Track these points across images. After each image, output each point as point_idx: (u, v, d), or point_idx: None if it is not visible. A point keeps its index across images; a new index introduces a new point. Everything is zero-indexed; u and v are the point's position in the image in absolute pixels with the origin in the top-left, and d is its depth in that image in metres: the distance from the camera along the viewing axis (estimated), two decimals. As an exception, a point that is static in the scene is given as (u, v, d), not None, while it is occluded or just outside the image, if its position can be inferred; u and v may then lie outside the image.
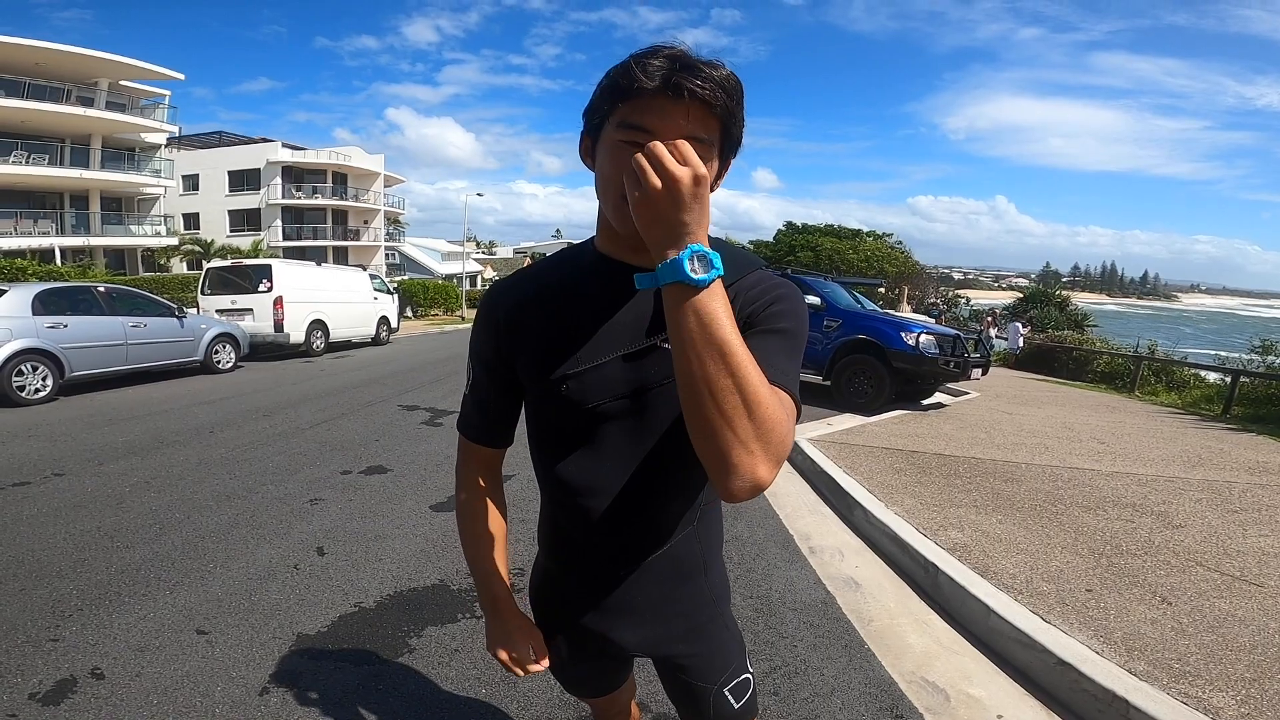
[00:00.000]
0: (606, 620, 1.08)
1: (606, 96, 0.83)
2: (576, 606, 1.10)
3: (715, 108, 0.80)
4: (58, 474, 4.59)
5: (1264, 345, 11.84)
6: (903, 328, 8.08)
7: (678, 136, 0.78)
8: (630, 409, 0.96)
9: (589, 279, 0.97)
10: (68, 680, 2.22)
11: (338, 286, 13.97)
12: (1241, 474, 5.47)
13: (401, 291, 21.91)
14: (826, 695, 2.29)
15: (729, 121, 0.83)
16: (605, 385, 0.95)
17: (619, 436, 0.98)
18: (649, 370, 0.94)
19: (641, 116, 0.80)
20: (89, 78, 25.03)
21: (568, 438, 1.01)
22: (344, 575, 3.12)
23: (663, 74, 0.78)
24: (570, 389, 0.95)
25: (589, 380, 0.95)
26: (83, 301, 8.24)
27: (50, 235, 23.77)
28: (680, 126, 0.79)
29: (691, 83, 0.77)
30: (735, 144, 0.87)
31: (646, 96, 0.79)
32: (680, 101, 0.78)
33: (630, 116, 0.81)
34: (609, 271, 0.96)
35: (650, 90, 0.78)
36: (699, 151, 0.79)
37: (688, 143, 0.73)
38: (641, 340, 0.94)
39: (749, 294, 0.93)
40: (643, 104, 0.80)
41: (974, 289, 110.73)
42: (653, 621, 1.08)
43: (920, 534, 3.53)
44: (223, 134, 40.31)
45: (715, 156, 0.84)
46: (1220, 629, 2.60)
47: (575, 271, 1.00)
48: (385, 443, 5.79)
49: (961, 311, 28.94)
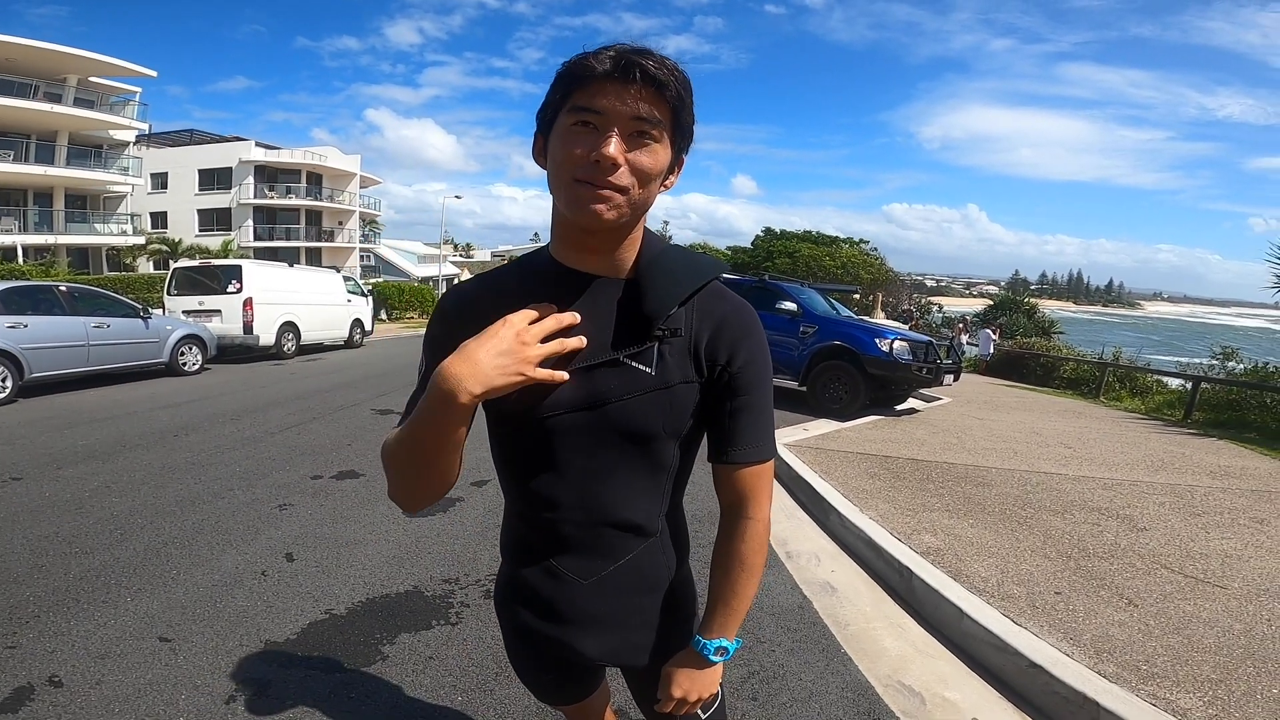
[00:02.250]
0: (569, 630, 1.06)
1: (559, 86, 0.84)
2: (539, 615, 1.07)
3: (667, 89, 0.80)
4: (15, 478, 4.44)
5: (1225, 352, 12.16)
6: (877, 334, 8.17)
7: (629, 118, 0.80)
8: (588, 422, 0.93)
9: (544, 286, 0.94)
10: (25, 688, 2.15)
11: (310, 288, 13.74)
12: (1204, 478, 5.62)
13: (376, 294, 21.65)
14: (805, 700, 2.29)
15: (679, 107, 0.83)
16: (561, 398, 0.91)
17: (575, 450, 0.95)
18: (609, 383, 0.92)
19: (593, 100, 0.80)
20: (58, 74, 24.44)
21: (526, 449, 0.98)
22: (314, 581, 3.05)
23: (613, 59, 0.79)
24: (524, 399, 0.91)
25: (544, 391, 0.91)
26: (44, 301, 8.02)
27: (13, 233, 23.13)
28: (631, 108, 0.80)
29: (643, 63, 0.79)
30: (687, 133, 0.88)
31: (598, 80, 0.80)
32: (631, 83, 0.79)
33: (580, 100, 0.81)
34: (565, 280, 0.94)
35: (601, 74, 0.79)
36: (651, 136, 0.82)
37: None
38: (602, 353, 0.92)
39: (714, 333, 0.95)
40: (594, 88, 0.80)
41: (946, 296, 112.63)
42: (615, 631, 1.06)
43: (894, 538, 3.57)
44: (194, 132, 39.54)
45: (667, 144, 0.85)
46: (1186, 630, 2.66)
47: (532, 279, 0.97)
48: (357, 447, 5.70)
49: (934, 318, 29.35)
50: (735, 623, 1.03)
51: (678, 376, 0.93)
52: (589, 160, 0.81)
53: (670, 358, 0.93)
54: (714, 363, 0.94)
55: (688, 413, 0.96)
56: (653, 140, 0.83)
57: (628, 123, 0.81)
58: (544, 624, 1.07)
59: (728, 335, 0.94)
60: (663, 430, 0.95)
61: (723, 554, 1.03)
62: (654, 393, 0.92)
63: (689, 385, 0.94)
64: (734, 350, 0.94)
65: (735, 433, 0.96)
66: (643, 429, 0.94)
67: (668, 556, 1.08)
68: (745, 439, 0.96)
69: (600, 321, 0.93)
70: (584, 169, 0.81)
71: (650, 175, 0.84)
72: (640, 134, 0.82)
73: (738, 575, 1.01)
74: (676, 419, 0.95)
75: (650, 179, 0.85)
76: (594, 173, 0.81)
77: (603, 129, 0.81)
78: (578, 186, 0.82)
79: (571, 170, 0.82)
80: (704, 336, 0.94)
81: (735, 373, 0.95)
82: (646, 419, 0.93)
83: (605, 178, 0.81)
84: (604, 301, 0.93)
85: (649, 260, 0.95)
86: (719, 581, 1.03)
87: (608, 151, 0.79)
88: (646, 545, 1.04)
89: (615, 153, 0.80)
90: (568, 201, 0.85)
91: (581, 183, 0.82)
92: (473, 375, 0.80)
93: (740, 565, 1.01)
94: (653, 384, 0.92)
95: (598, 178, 0.81)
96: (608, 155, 0.79)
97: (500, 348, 0.82)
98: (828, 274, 31.08)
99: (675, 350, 0.93)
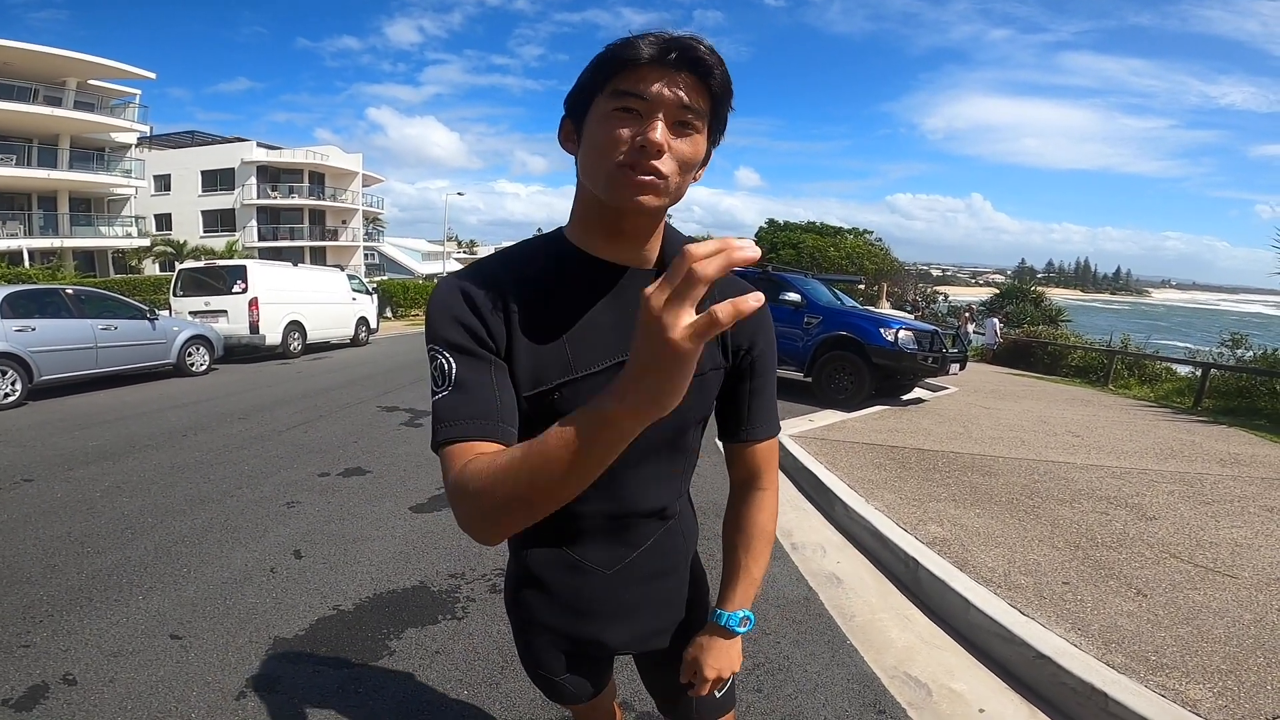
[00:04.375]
0: (593, 623, 1.05)
1: (600, 70, 0.81)
2: (560, 610, 1.06)
3: (713, 79, 0.79)
4: (27, 480, 4.48)
5: (1234, 338, 12.05)
6: (882, 324, 8.13)
7: (675, 105, 0.78)
8: None
9: (570, 275, 0.92)
10: (39, 686, 2.18)
11: (315, 287, 13.77)
12: (1213, 466, 5.58)
13: (381, 292, 21.68)
14: (810, 691, 2.30)
15: (722, 98, 0.81)
16: (598, 390, 0.89)
17: None
18: None
19: (636, 84, 0.78)
20: (57, 77, 24.45)
21: None
22: (322, 578, 3.07)
23: (662, 44, 0.77)
24: (563, 397, 0.89)
25: (583, 389, 0.89)
26: (51, 304, 8.06)
27: (18, 237, 23.20)
28: (678, 95, 0.78)
29: (693, 50, 0.77)
30: (723, 126, 0.86)
31: (643, 66, 0.77)
32: (680, 70, 0.77)
33: (624, 84, 0.79)
34: (590, 267, 0.92)
35: (647, 59, 0.77)
36: (693, 125, 0.81)
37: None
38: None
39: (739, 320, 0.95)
40: (638, 73, 0.78)
41: (952, 285, 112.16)
42: (638, 618, 1.07)
43: (900, 529, 3.56)
44: (195, 133, 39.57)
45: (705, 135, 0.84)
46: (1195, 620, 2.64)
47: (555, 267, 0.93)
48: (364, 444, 5.72)
49: (939, 308, 29.19)
50: (754, 592, 1.08)
51: (708, 364, 0.95)
52: (635, 145, 0.78)
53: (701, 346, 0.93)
54: (739, 348, 0.98)
55: (713, 398, 0.99)
56: (695, 130, 0.81)
57: (673, 109, 0.78)
58: (565, 619, 1.06)
59: (750, 322, 0.97)
60: (692, 418, 0.98)
61: (743, 525, 1.07)
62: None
63: (717, 372, 0.97)
64: (755, 336, 0.98)
65: (753, 413, 1.02)
66: (676, 418, 0.90)
67: (684, 538, 1.11)
68: (760, 418, 1.02)
69: (630, 310, 0.89)
70: (629, 153, 0.79)
71: (690, 164, 0.83)
72: (684, 123, 0.80)
73: (758, 544, 1.06)
74: (705, 405, 0.98)
75: (690, 168, 0.83)
76: (639, 157, 0.79)
77: (647, 115, 0.78)
78: (621, 171, 0.80)
79: (614, 155, 0.80)
80: (729, 337, 0.97)
81: (756, 357, 0.99)
82: (681, 408, 0.92)
83: (650, 163, 0.79)
84: (634, 293, 0.91)
85: (676, 250, 0.94)
86: (739, 553, 1.07)
87: (654, 137, 0.77)
88: (667, 528, 1.06)
89: (662, 138, 0.78)
90: (609, 186, 0.82)
91: (625, 167, 0.80)
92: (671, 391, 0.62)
93: (761, 534, 1.06)
94: None
95: (643, 163, 0.79)
96: (655, 140, 0.77)
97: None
98: (832, 265, 30.92)
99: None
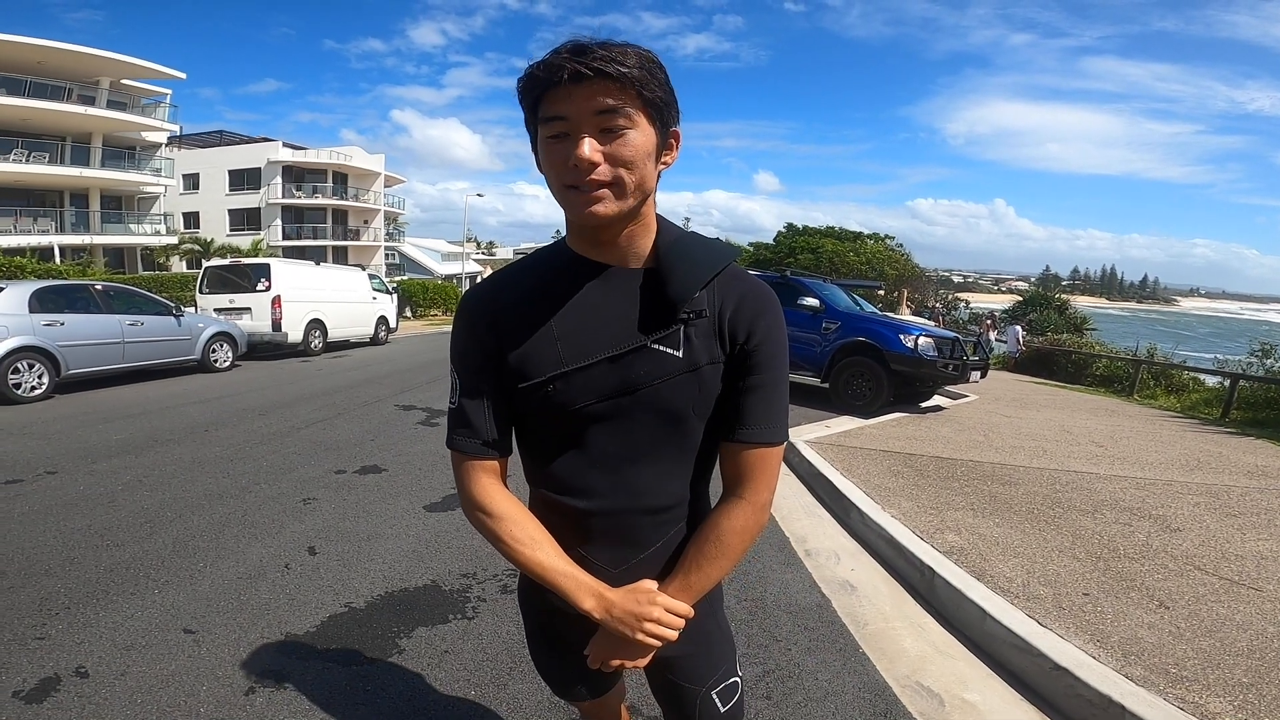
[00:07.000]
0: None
1: (524, 104, 0.89)
2: (568, 608, 1.06)
3: (617, 77, 0.82)
4: (50, 472, 4.56)
5: (1264, 349, 11.79)
6: (901, 330, 8.05)
7: (590, 114, 0.83)
8: (618, 409, 0.96)
9: (566, 279, 0.98)
10: (51, 679, 2.20)
11: (336, 286, 13.92)
12: (1240, 478, 5.45)
13: (400, 291, 21.89)
14: (820, 700, 2.27)
15: (641, 86, 0.84)
16: (592, 387, 0.95)
17: (607, 437, 0.98)
18: (637, 370, 0.94)
19: (555, 107, 0.85)
20: (90, 76, 25.02)
21: (556, 439, 1.01)
22: (335, 575, 3.09)
23: (556, 65, 0.82)
24: (556, 391, 0.95)
25: (575, 382, 0.95)
26: (80, 299, 8.22)
27: (50, 233, 23.76)
28: (592, 104, 0.83)
29: (586, 63, 0.81)
30: (662, 107, 0.88)
31: (553, 89, 0.84)
32: (583, 82, 0.82)
33: (547, 110, 0.86)
34: (585, 270, 0.97)
35: (552, 81, 0.83)
36: (619, 125, 0.84)
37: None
38: (629, 340, 0.94)
39: (734, 310, 0.97)
40: (551, 96, 0.84)
41: (974, 292, 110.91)
42: None
43: (916, 537, 3.51)
44: (223, 133, 40.30)
45: (645, 124, 0.87)
46: (1218, 634, 2.58)
47: (551, 272, 1.00)
48: (380, 442, 5.77)
49: (960, 314, 28.88)
50: (686, 598, 1.01)
51: (705, 358, 0.96)
52: (569, 166, 0.85)
53: (696, 340, 0.95)
54: (734, 339, 0.97)
55: (713, 393, 0.98)
56: (625, 128, 0.85)
57: (592, 120, 0.84)
58: (575, 617, 1.06)
59: (746, 312, 0.97)
60: (693, 412, 0.97)
61: (703, 525, 1.02)
62: (683, 375, 0.95)
63: (714, 366, 0.97)
64: (752, 327, 0.97)
65: (745, 411, 0.98)
66: (674, 411, 0.97)
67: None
68: (754, 418, 0.97)
69: (625, 309, 0.96)
70: (568, 175, 0.86)
71: (633, 161, 0.86)
72: (609, 128, 0.85)
73: (708, 548, 1.00)
74: (705, 400, 0.98)
75: (635, 164, 0.87)
76: (576, 177, 0.85)
77: (573, 133, 0.85)
78: (568, 192, 0.87)
79: (559, 179, 0.87)
80: (726, 314, 0.97)
81: (752, 350, 0.97)
82: (677, 401, 0.96)
83: (587, 178, 0.85)
84: (627, 289, 0.96)
85: (667, 246, 0.97)
86: (687, 550, 1.02)
87: (583, 153, 0.84)
88: (676, 531, 1.06)
89: (588, 154, 0.84)
90: (565, 207, 0.90)
91: (570, 188, 0.87)
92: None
93: (715, 539, 1.00)
94: (681, 366, 0.95)
95: (581, 180, 0.85)
96: (584, 157, 0.84)
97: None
98: (852, 270, 30.66)
99: (700, 332, 0.95)
